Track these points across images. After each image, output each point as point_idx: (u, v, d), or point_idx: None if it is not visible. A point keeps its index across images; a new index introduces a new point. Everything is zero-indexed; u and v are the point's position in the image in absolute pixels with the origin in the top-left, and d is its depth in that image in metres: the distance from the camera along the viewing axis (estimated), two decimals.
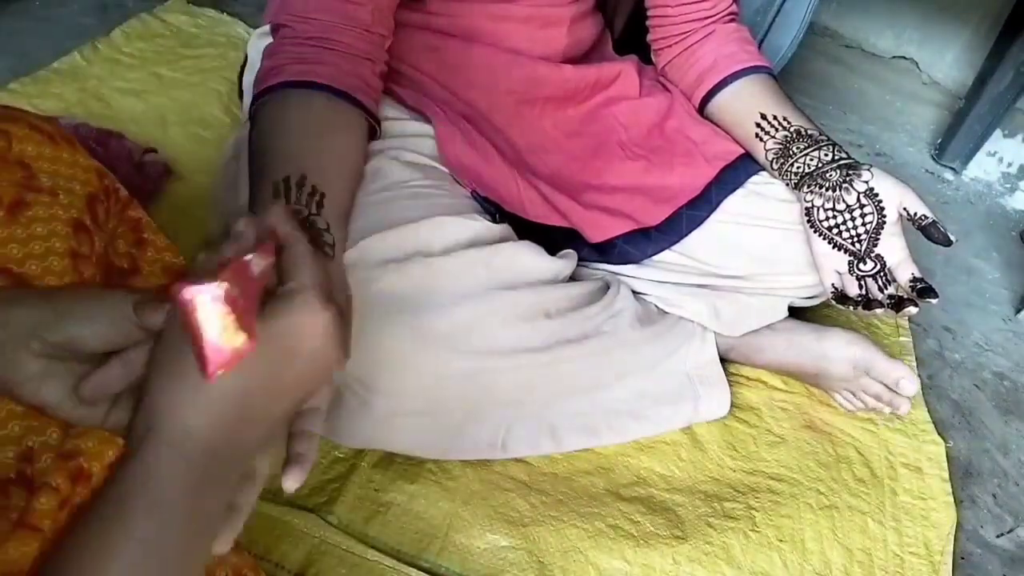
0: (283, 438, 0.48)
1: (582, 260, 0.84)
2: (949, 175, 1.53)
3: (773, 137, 0.80)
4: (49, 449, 0.51)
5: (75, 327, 0.41)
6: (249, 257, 0.38)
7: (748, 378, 0.93)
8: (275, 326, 0.39)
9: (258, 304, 0.38)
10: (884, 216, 0.74)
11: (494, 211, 0.80)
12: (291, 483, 0.45)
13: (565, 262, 0.79)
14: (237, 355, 0.36)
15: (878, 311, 0.73)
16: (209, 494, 0.38)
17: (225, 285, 0.35)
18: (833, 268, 0.77)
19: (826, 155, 0.77)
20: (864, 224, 0.75)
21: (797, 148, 0.79)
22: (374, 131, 0.73)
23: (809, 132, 0.79)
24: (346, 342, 0.43)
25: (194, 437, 0.37)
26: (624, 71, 0.91)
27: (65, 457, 0.51)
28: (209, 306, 0.35)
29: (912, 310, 0.72)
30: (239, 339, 0.35)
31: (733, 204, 0.82)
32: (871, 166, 0.76)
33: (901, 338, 1.08)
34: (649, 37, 0.93)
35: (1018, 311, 1.21)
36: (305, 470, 0.46)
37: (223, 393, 0.37)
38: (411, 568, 0.67)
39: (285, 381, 0.40)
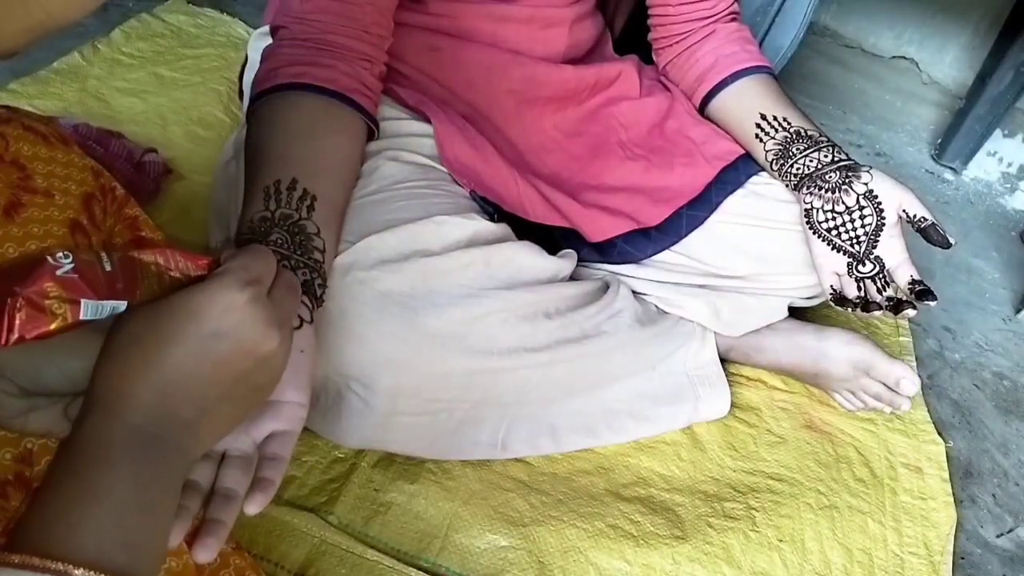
0: (247, 446, 0.49)
1: (582, 260, 0.84)
2: (949, 175, 1.53)
3: (773, 138, 0.80)
4: (48, 451, 0.51)
5: (50, 377, 0.42)
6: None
7: (748, 378, 0.93)
8: (191, 301, 0.41)
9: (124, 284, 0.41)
10: (883, 218, 0.74)
11: (493, 211, 0.80)
12: (252, 508, 0.46)
13: (565, 262, 0.79)
14: (13, 323, 0.37)
15: (876, 313, 0.73)
16: (151, 462, 0.39)
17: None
18: (832, 270, 0.77)
19: (826, 156, 0.77)
20: (863, 226, 0.75)
21: (797, 149, 0.79)
22: (372, 132, 0.73)
23: (809, 133, 0.79)
24: (280, 324, 0.44)
25: (130, 403, 0.39)
26: (624, 71, 0.91)
27: None
28: None
29: (911, 312, 0.72)
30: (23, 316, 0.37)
31: (733, 204, 0.82)
32: (871, 168, 0.76)
33: (901, 338, 1.08)
34: (650, 37, 0.93)
35: (1018, 311, 1.21)
36: (268, 496, 0.46)
37: (151, 366, 0.40)
38: (411, 568, 0.67)
39: (210, 357, 0.42)
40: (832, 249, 0.76)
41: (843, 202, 0.75)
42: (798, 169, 0.78)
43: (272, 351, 0.44)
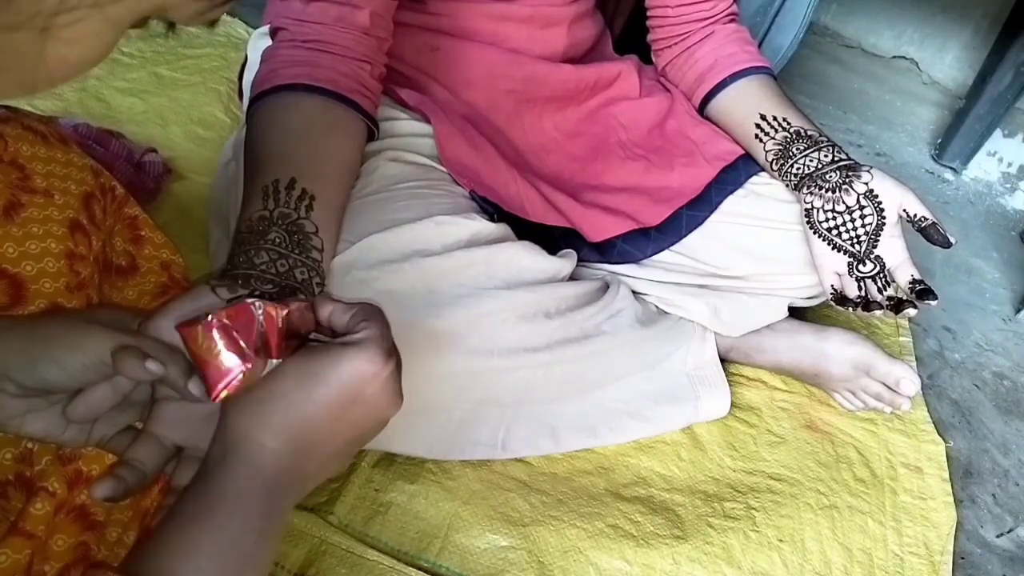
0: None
1: (582, 260, 0.84)
2: (949, 175, 1.53)
3: (773, 138, 0.80)
4: (48, 451, 0.51)
5: (49, 372, 0.43)
6: (251, 301, 0.44)
7: (748, 378, 0.93)
8: (339, 368, 0.44)
9: (278, 340, 0.44)
10: (884, 218, 0.74)
11: (493, 211, 0.80)
12: None
13: (565, 262, 0.79)
14: (229, 373, 0.42)
15: (877, 313, 0.73)
16: (276, 506, 0.43)
17: (213, 319, 0.42)
18: (832, 269, 0.77)
19: (826, 156, 0.77)
20: (864, 225, 0.75)
21: (797, 149, 0.79)
22: (372, 133, 0.73)
23: (809, 133, 0.79)
24: (400, 390, 0.47)
25: (266, 454, 0.42)
26: (624, 71, 0.91)
27: (64, 461, 0.51)
28: (204, 337, 0.42)
29: (911, 312, 0.72)
30: (233, 361, 0.42)
31: (733, 204, 0.82)
32: (871, 167, 0.76)
33: (901, 338, 1.08)
34: (649, 37, 0.93)
35: (1018, 311, 1.21)
36: None
37: (292, 422, 0.43)
38: (411, 568, 0.67)
39: (344, 420, 0.45)
40: (832, 249, 0.76)
41: (843, 202, 0.75)
42: (798, 169, 0.78)
43: (392, 415, 0.47)
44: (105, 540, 0.54)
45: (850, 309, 0.74)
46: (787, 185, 0.80)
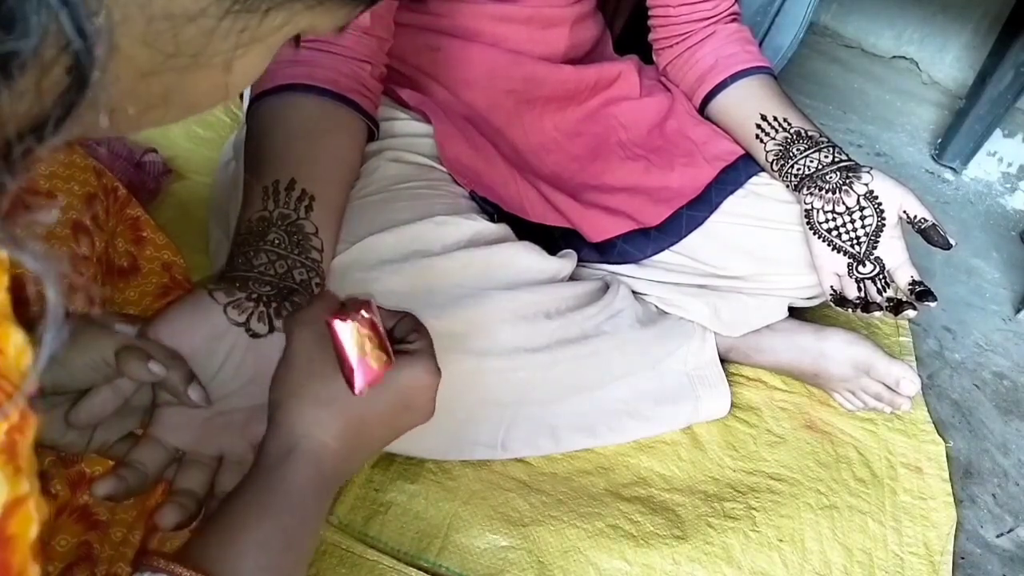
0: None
1: (582, 260, 0.84)
2: (949, 175, 1.53)
3: (773, 138, 0.80)
4: (50, 453, 0.51)
5: (52, 372, 0.43)
6: (369, 296, 0.47)
7: (748, 378, 0.93)
8: (404, 377, 0.46)
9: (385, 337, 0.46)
10: (884, 219, 0.74)
11: (492, 211, 0.80)
12: None
13: (564, 262, 0.79)
14: (379, 373, 0.44)
15: (877, 313, 0.73)
16: (327, 501, 0.45)
17: (367, 316, 0.44)
18: (832, 270, 0.77)
19: (826, 157, 0.77)
20: (864, 226, 0.75)
21: (797, 150, 0.79)
22: (372, 133, 0.73)
23: (809, 134, 0.79)
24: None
25: (327, 452, 0.44)
26: (624, 71, 0.91)
27: (67, 463, 0.51)
28: (354, 333, 0.43)
29: (911, 313, 0.72)
30: (380, 359, 0.44)
31: (733, 204, 0.82)
32: (871, 168, 0.76)
33: (901, 338, 1.08)
34: (650, 37, 0.93)
35: (1018, 311, 1.21)
36: None
37: (354, 423, 0.45)
38: (411, 568, 0.67)
39: (394, 421, 0.48)
40: (832, 249, 0.76)
41: (843, 202, 0.75)
42: (798, 170, 0.78)
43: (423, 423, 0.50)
44: (110, 539, 0.54)
45: (850, 310, 0.74)
46: (787, 186, 0.80)
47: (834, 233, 0.76)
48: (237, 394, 0.51)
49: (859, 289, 0.75)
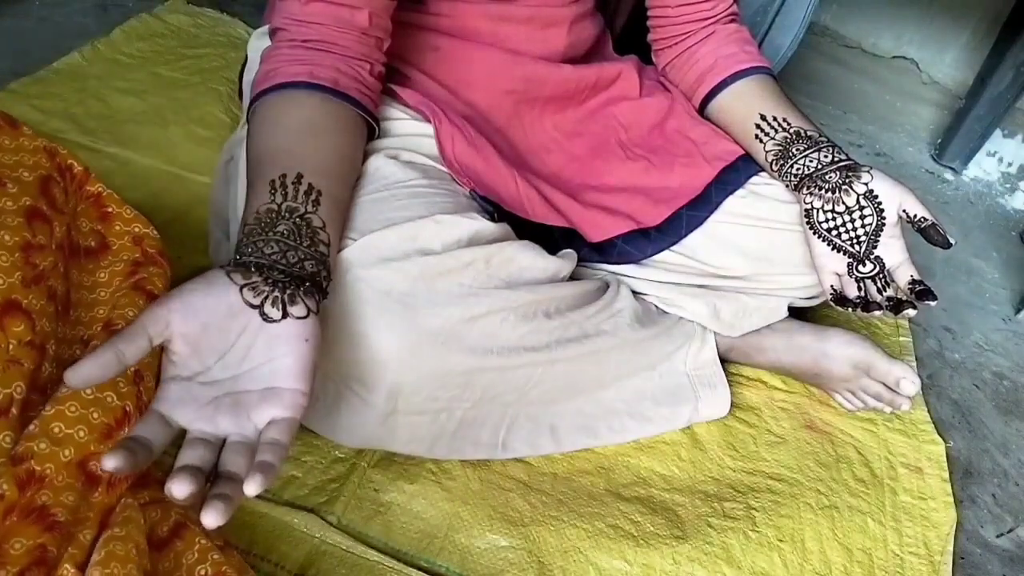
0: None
1: (582, 260, 0.84)
2: (949, 175, 1.53)
3: (773, 138, 0.80)
4: (1, 452, 0.50)
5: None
6: None
7: (748, 378, 0.93)
8: None
9: None
10: (884, 218, 0.74)
11: (493, 211, 0.80)
12: (251, 489, 0.45)
13: (564, 262, 0.79)
14: None
15: (877, 313, 0.73)
16: None
17: None
18: (832, 270, 0.76)
19: (826, 156, 0.77)
20: (864, 226, 0.75)
21: (797, 149, 0.79)
22: (373, 132, 0.73)
23: (809, 133, 0.79)
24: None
25: None
26: (624, 71, 0.91)
27: (15, 461, 0.50)
28: None
29: (911, 312, 0.71)
30: None
31: (733, 204, 0.82)
32: (871, 168, 0.76)
33: (901, 338, 1.08)
34: (649, 37, 0.93)
35: (1018, 311, 1.21)
36: (268, 479, 0.46)
37: None
38: (411, 568, 0.67)
39: None
40: (832, 249, 0.76)
41: (843, 202, 0.75)
42: (798, 169, 0.78)
43: None
44: (78, 541, 0.51)
45: (850, 309, 0.74)
46: (787, 185, 0.80)
47: (834, 233, 0.76)
48: (246, 376, 0.51)
49: (859, 288, 0.75)
